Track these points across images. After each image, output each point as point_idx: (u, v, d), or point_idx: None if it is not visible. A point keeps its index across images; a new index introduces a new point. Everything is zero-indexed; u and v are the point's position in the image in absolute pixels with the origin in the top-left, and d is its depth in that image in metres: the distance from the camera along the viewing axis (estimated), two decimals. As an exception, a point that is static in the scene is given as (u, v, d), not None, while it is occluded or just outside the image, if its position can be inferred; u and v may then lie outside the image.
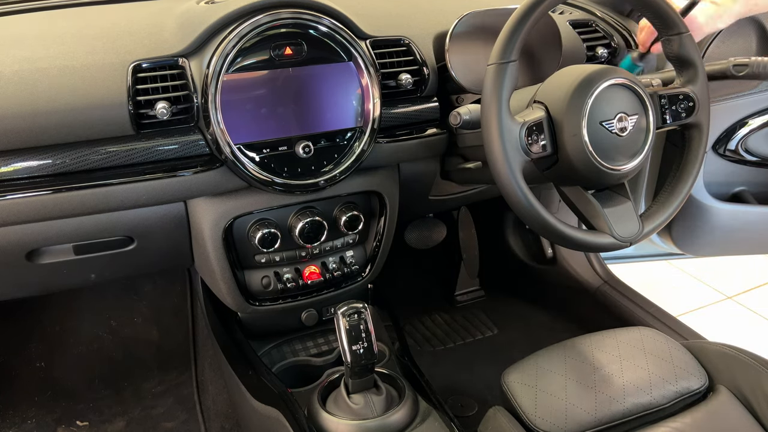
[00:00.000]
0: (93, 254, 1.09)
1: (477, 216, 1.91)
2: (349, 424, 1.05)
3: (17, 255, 1.04)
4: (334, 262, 1.23)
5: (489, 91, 0.93)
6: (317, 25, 1.04)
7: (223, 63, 0.98)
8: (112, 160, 0.97)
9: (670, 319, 1.53)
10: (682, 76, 1.05)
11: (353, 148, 1.09)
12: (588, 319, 1.71)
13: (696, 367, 1.02)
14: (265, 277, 1.19)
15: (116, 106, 0.96)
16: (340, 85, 1.07)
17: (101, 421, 1.55)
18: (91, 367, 1.68)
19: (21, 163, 0.93)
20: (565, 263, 1.77)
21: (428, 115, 1.18)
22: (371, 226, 1.26)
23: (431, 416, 1.10)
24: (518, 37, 0.93)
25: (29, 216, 0.97)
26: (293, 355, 1.33)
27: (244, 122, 1.01)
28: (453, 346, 1.75)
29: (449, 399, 1.52)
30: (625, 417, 0.95)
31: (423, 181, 1.29)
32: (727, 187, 1.68)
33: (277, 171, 1.04)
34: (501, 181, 0.93)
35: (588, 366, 1.02)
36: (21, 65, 0.95)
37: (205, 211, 1.09)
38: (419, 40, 1.17)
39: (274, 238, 1.11)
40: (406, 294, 1.93)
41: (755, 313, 2.35)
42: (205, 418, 1.55)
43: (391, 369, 1.21)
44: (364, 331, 1.02)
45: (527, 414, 0.96)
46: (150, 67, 0.99)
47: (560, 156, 0.97)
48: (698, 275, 2.58)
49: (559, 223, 0.96)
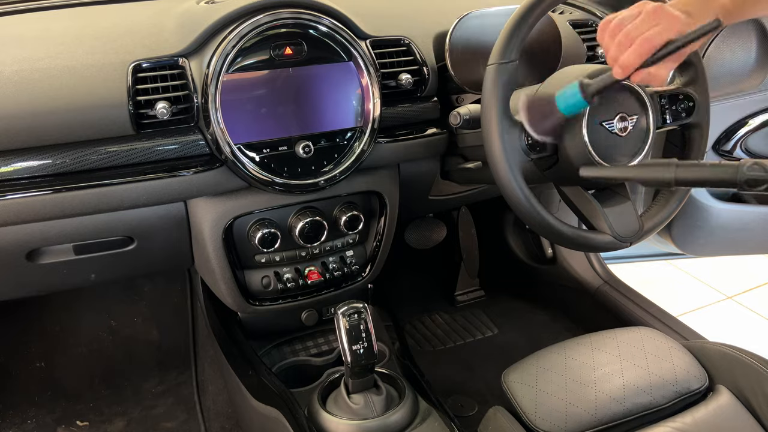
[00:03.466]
0: (93, 254, 1.09)
1: (477, 216, 1.91)
2: (349, 424, 1.05)
3: (17, 255, 1.04)
4: (334, 262, 1.23)
5: (489, 91, 0.93)
6: (317, 25, 1.04)
7: (223, 63, 0.98)
8: (112, 160, 0.97)
9: (670, 319, 1.53)
10: (682, 76, 1.05)
11: (353, 148, 1.09)
12: (588, 319, 1.71)
13: (696, 367, 1.01)
14: (265, 277, 1.19)
15: (116, 106, 0.96)
16: (340, 85, 1.07)
17: (101, 421, 1.55)
18: (91, 367, 1.68)
19: (21, 163, 0.93)
20: (565, 263, 1.77)
21: (428, 115, 1.18)
22: (371, 226, 1.26)
23: (431, 416, 1.10)
24: (518, 37, 0.93)
25: (29, 216, 0.97)
26: (293, 355, 1.34)
27: (244, 122, 1.01)
28: (453, 346, 1.75)
29: (449, 399, 1.52)
30: (625, 417, 0.95)
31: (423, 181, 1.29)
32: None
33: (277, 171, 1.04)
34: (501, 181, 0.93)
35: (588, 366, 1.02)
36: (21, 65, 0.95)
37: (205, 211, 1.09)
38: (419, 40, 1.17)
39: (274, 238, 1.11)
40: (406, 294, 1.93)
41: (755, 313, 2.35)
42: (205, 418, 1.54)
43: (391, 369, 1.21)
44: (364, 331, 1.02)
45: (527, 414, 0.96)
46: (150, 67, 0.99)
47: (560, 156, 0.97)
48: (698, 275, 2.58)
49: (559, 223, 0.96)
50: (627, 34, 0.83)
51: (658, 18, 0.82)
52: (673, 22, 0.81)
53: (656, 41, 0.81)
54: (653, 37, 0.81)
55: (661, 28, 0.81)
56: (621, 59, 0.83)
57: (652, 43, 0.81)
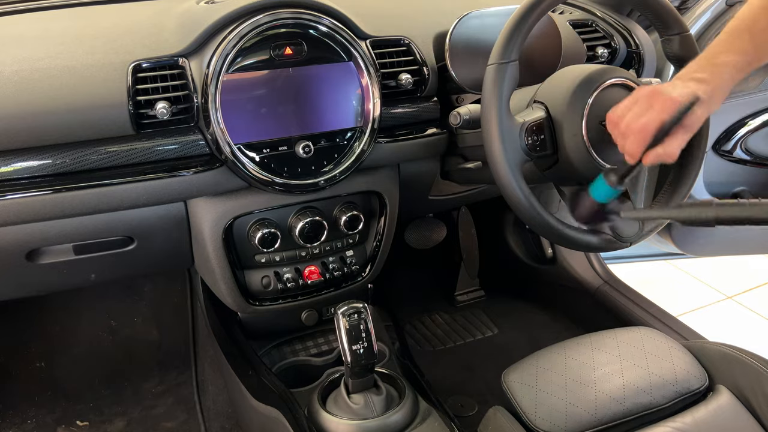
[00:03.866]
0: (93, 254, 1.09)
1: (477, 216, 1.91)
2: (349, 424, 1.05)
3: (17, 255, 1.04)
4: (334, 262, 1.23)
5: (489, 91, 0.93)
6: (317, 25, 1.04)
7: (223, 63, 0.98)
8: (112, 160, 0.97)
9: (670, 319, 1.53)
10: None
11: (353, 148, 1.09)
12: (588, 319, 1.71)
13: (696, 367, 1.01)
14: (265, 277, 1.19)
15: (116, 106, 0.96)
16: (340, 85, 1.07)
17: (101, 421, 1.55)
18: (91, 367, 1.68)
19: (21, 163, 0.93)
20: (565, 263, 1.77)
21: (428, 115, 1.18)
22: (371, 226, 1.26)
23: (431, 416, 1.10)
24: (518, 37, 0.93)
25: (29, 216, 0.97)
26: (293, 355, 1.34)
27: (244, 122, 1.01)
28: (453, 346, 1.75)
29: (449, 399, 1.52)
30: (625, 417, 0.95)
31: (423, 181, 1.29)
32: (727, 187, 1.68)
33: (277, 171, 1.04)
34: (501, 181, 0.93)
35: (588, 366, 1.02)
36: (21, 65, 0.95)
37: (205, 211, 1.09)
38: (419, 40, 1.17)
39: (274, 238, 1.11)
40: (406, 294, 1.93)
41: (755, 313, 2.35)
42: (205, 418, 1.54)
43: (391, 369, 1.21)
44: (364, 331, 1.02)
45: (527, 414, 0.96)
46: (150, 66, 0.99)
47: (560, 156, 0.97)
48: (698, 275, 2.58)
49: (559, 223, 0.96)
50: (627, 124, 0.87)
51: (652, 102, 0.85)
52: (666, 103, 0.84)
53: (651, 127, 0.84)
54: (648, 123, 0.84)
55: (655, 113, 0.84)
56: (626, 148, 0.88)
57: (647, 130, 0.84)
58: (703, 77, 0.85)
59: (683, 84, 0.85)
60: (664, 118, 0.83)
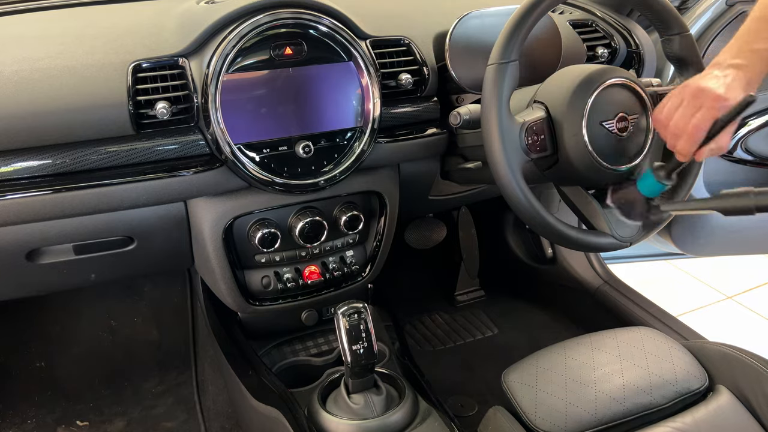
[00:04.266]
0: (93, 254, 1.09)
1: (477, 216, 1.91)
2: (349, 424, 1.05)
3: (17, 255, 1.04)
4: (334, 262, 1.23)
5: (489, 91, 0.93)
6: (317, 25, 1.04)
7: (223, 63, 0.98)
8: (112, 160, 0.97)
9: (670, 319, 1.53)
10: (682, 76, 1.05)
11: (353, 148, 1.09)
12: (588, 319, 1.71)
13: (696, 367, 1.01)
14: (265, 277, 1.19)
15: (116, 106, 0.96)
16: (340, 85, 1.07)
17: (101, 421, 1.55)
18: (91, 367, 1.68)
19: (21, 163, 0.93)
20: (565, 263, 1.77)
21: (428, 115, 1.18)
22: (371, 226, 1.26)
23: (431, 416, 1.10)
24: (518, 37, 0.93)
25: (29, 216, 0.97)
26: (293, 355, 1.34)
27: (244, 122, 1.01)
28: (453, 346, 1.75)
29: (449, 399, 1.52)
30: (625, 417, 0.95)
31: (423, 181, 1.29)
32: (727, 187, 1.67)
33: (277, 171, 1.04)
34: (501, 181, 0.93)
35: (588, 366, 1.02)
36: (21, 65, 0.95)
37: (205, 211, 1.09)
38: (419, 40, 1.17)
39: (274, 238, 1.11)
40: (406, 294, 1.93)
41: (755, 313, 2.35)
42: (205, 418, 1.54)
43: (391, 369, 1.21)
44: (364, 331, 1.02)
45: (527, 414, 0.96)
46: (150, 66, 0.99)
47: (560, 156, 0.97)
48: (698, 275, 2.58)
49: (559, 223, 0.96)
50: (676, 124, 0.88)
51: (700, 101, 0.85)
52: (714, 101, 0.84)
53: (703, 126, 0.85)
54: (700, 123, 0.85)
55: (705, 111, 0.85)
56: (677, 148, 0.89)
57: (700, 129, 0.85)
58: (742, 63, 0.86)
59: (723, 72, 0.86)
60: (715, 116, 0.84)
